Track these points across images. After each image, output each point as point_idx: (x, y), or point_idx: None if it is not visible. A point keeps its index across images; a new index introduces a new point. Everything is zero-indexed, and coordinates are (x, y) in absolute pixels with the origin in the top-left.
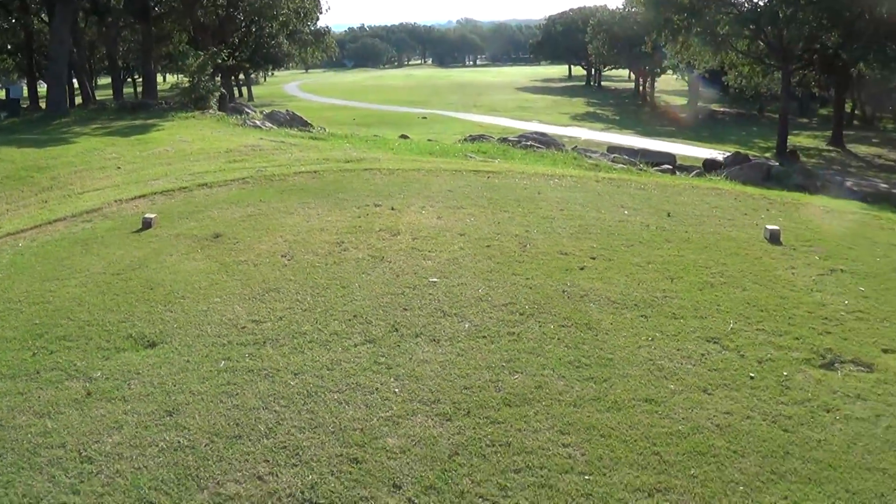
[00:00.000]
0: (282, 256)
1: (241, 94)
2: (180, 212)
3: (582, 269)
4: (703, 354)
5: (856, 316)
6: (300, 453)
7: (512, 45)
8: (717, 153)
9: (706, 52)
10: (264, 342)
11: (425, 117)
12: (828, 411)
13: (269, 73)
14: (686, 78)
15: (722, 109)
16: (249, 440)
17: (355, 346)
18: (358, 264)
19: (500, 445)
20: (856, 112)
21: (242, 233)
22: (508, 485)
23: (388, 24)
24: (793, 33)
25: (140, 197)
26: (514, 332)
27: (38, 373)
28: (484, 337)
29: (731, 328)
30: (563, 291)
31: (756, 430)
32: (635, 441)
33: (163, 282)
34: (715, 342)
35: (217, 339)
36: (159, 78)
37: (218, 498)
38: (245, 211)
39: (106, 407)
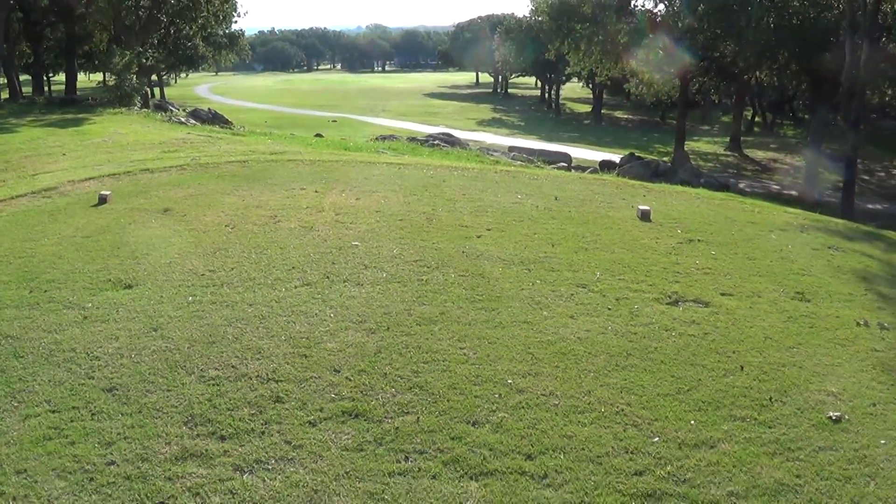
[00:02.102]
0: (225, 226)
1: (153, 95)
2: (130, 191)
3: (479, 237)
4: (572, 294)
5: (703, 271)
6: (261, 352)
7: (421, 52)
8: (615, 156)
9: (608, 61)
10: (221, 284)
11: (335, 120)
12: (666, 330)
13: (185, 75)
14: (590, 86)
15: (626, 116)
16: (221, 345)
17: (295, 287)
18: (291, 232)
19: (412, 348)
20: (756, 119)
21: (188, 208)
22: (419, 370)
23: (299, 29)
24: (688, 43)
25: (90, 179)
26: (422, 279)
27: (38, 304)
28: (398, 282)
29: (598, 278)
30: (463, 252)
31: (608, 341)
32: (515, 346)
33: (127, 242)
34: (583, 287)
35: (182, 282)
36: (79, 76)
37: (202, 379)
38: (187, 191)
39: (101, 326)
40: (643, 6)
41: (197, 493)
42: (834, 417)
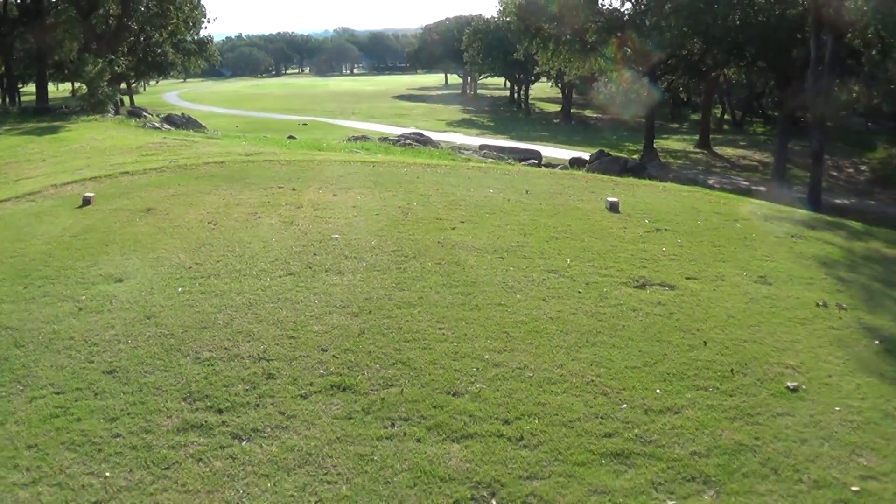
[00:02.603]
0: (208, 223)
1: (122, 103)
2: (112, 193)
3: (453, 229)
4: (543, 279)
5: (670, 257)
6: (251, 335)
7: (389, 54)
8: (585, 154)
9: (576, 60)
10: (209, 276)
11: (305, 124)
12: (633, 311)
13: (155, 82)
14: (559, 85)
15: (595, 115)
16: (212, 329)
17: (280, 277)
18: (272, 227)
19: (394, 329)
20: (726, 117)
21: (171, 207)
22: (401, 348)
23: (266, 34)
24: (655, 41)
25: (72, 182)
26: (400, 268)
27: (34, 298)
28: (378, 270)
29: (568, 264)
30: (438, 242)
31: (578, 320)
32: (490, 326)
33: (114, 240)
34: (554, 272)
35: (171, 275)
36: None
37: (197, 360)
38: (168, 192)
39: (97, 316)
40: (610, 5)
41: (200, 458)
42: (791, 387)
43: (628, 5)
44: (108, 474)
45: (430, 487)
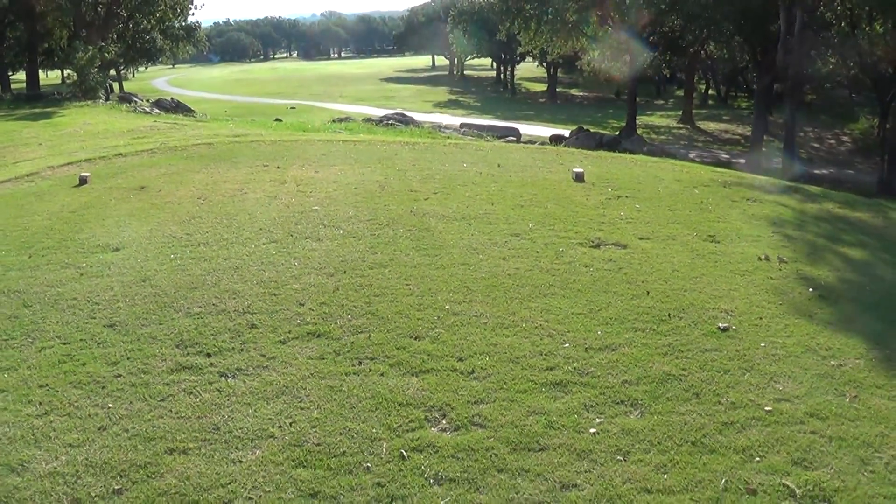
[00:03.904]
0: (197, 199)
1: (112, 90)
2: (106, 173)
3: (426, 199)
4: (505, 242)
5: (626, 221)
6: (237, 294)
7: (376, 37)
8: (566, 131)
9: (558, 39)
10: (198, 245)
11: (293, 107)
12: (585, 266)
13: (144, 68)
14: (544, 65)
15: (581, 94)
16: (202, 289)
17: (263, 244)
18: (257, 201)
19: (365, 286)
20: (710, 92)
21: (162, 185)
22: (370, 302)
23: (253, 19)
24: (633, 18)
25: (68, 164)
26: (374, 234)
27: (38, 266)
28: (353, 237)
29: (530, 228)
30: (411, 212)
31: (533, 276)
32: (452, 282)
33: (110, 215)
34: (516, 236)
35: (163, 244)
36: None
37: (188, 314)
38: (160, 171)
39: (97, 280)
40: None
41: (191, 392)
42: (722, 327)
43: None
44: (110, 406)
45: (390, 410)
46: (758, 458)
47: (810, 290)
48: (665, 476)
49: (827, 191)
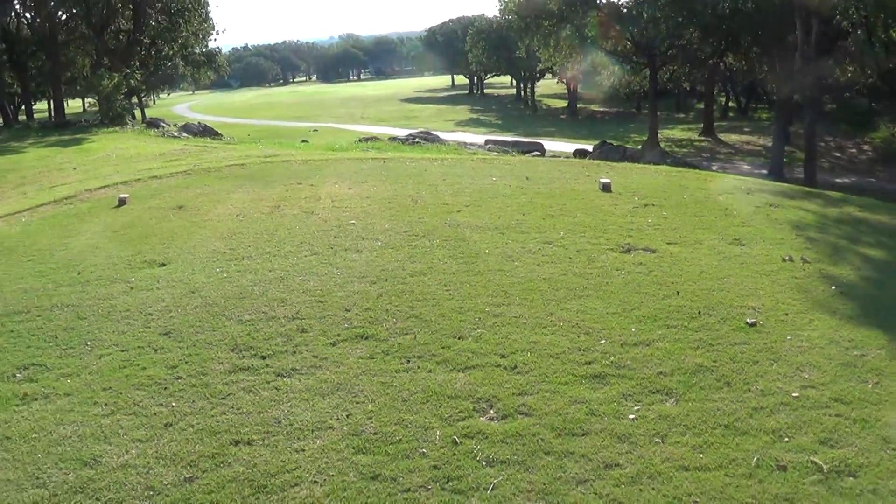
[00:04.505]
0: (236, 216)
1: (133, 117)
2: (144, 194)
3: (458, 212)
4: (538, 249)
5: (654, 227)
6: (285, 302)
7: (394, 58)
8: (589, 146)
9: (577, 55)
10: (242, 258)
11: (316, 130)
12: (617, 270)
13: (166, 94)
14: (564, 81)
15: (601, 109)
16: (250, 299)
17: (305, 256)
18: (295, 217)
19: (407, 293)
20: (730, 104)
21: (200, 204)
22: (413, 306)
23: (272, 43)
24: (651, 32)
25: (105, 187)
26: (412, 245)
27: (88, 282)
28: (392, 248)
29: (562, 236)
30: (445, 223)
31: (567, 280)
32: (491, 287)
33: (153, 233)
34: (549, 243)
35: (208, 259)
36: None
37: (240, 321)
38: (196, 191)
39: (147, 293)
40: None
41: (250, 390)
42: (750, 322)
43: None
44: (174, 404)
45: (440, 402)
46: (787, 439)
47: (833, 287)
48: (701, 455)
49: (847, 195)
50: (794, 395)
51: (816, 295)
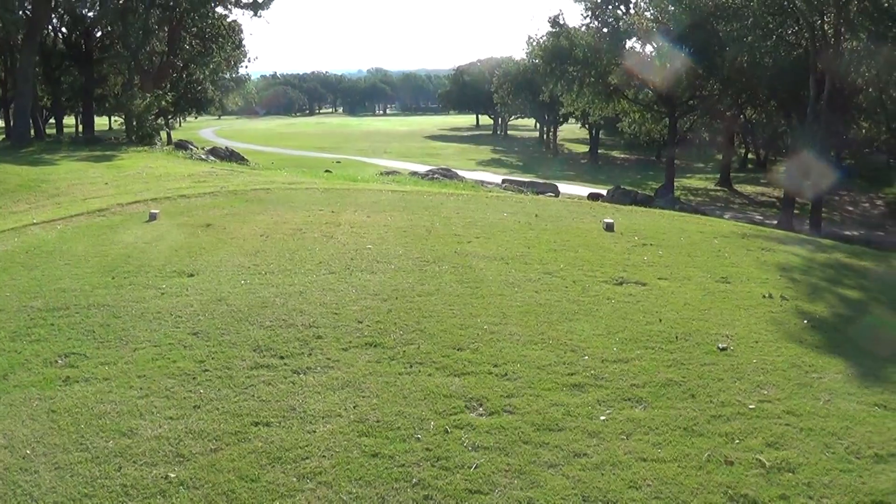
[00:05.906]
0: (260, 236)
1: (160, 138)
2: (173, 211)
3: (468, 242)
4: (539, 278)
5: (648, 264)
6: (303, 312)
7: (421, 95)
8: (605, 191)
9: (599, 101)
10: (265, 273)
11: (339, 161)
12: (608, 299)
13: (195, 117)
14: (586, 126)
15: (622, 156)
16: (272, 308)
17: (323, 274)
18: (315, 240)
19: (415, 309)
20: (749, 156)
21: (227, 223)
22: (419, 321)
23: (300, 73)
24: (672, 83)
25: (136, 202)
26: (422, 269)
27: (121, 286)
28: (403, 271)
29: (562, 268)
30: (455, 252)
31: (562, 306)
32: (491, 308)
33: (182, 246)
34: (549, 274)
35: (233, 272)
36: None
37: (262, 327)
38: (223, 212)
39: (177, 298)
40: (633, 48)
41: (269, 383)
42: (721, 347)
43: (649, 48)
44: (201, 391)
45: (436, 400)
46: (737, 441)
47: (805, 321)
48: (659, 451)
49: (838, 243)
50: (750, 406)
51: (788, 327)
